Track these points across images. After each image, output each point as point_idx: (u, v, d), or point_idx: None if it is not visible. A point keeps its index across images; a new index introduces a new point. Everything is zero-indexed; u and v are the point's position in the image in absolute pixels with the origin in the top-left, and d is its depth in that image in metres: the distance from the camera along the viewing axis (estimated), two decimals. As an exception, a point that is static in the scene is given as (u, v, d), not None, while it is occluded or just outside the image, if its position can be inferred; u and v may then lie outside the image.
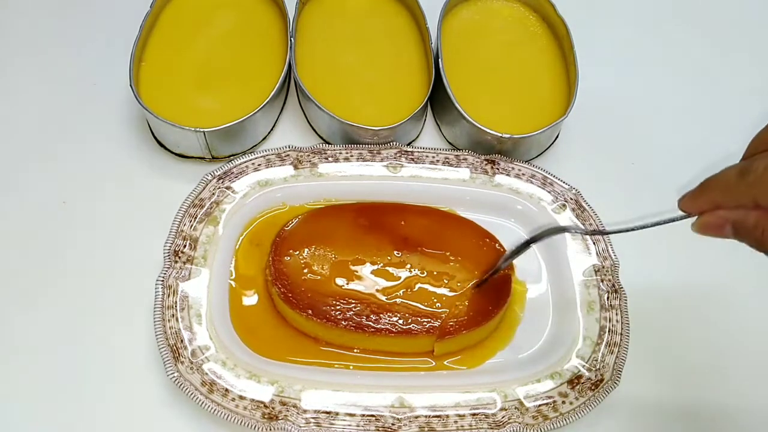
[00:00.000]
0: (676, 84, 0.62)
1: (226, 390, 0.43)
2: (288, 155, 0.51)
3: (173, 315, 0.45)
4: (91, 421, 0.45)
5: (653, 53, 0.64)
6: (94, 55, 0.59)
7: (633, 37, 0.65)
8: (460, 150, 0.53)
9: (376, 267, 0.47)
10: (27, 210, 0.52)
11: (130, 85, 0.50)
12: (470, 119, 0.51)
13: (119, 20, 0.56)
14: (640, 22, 0.66)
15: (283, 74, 0.52)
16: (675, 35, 0.65)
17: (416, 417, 0.43)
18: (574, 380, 0.45)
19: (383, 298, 0.46)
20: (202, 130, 0.49)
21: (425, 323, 0.45)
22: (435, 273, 0.47)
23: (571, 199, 0.51)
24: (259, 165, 0.51)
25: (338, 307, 0.45)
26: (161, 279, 0.45)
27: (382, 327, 0.45)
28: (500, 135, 0.51)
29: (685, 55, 0.64)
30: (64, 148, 0.54)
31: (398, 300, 0.46)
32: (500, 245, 0.49)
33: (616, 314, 0.47)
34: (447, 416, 0.43)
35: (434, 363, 0.46)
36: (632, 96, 0.61)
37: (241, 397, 0.43)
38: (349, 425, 0.43)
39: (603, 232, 0.48)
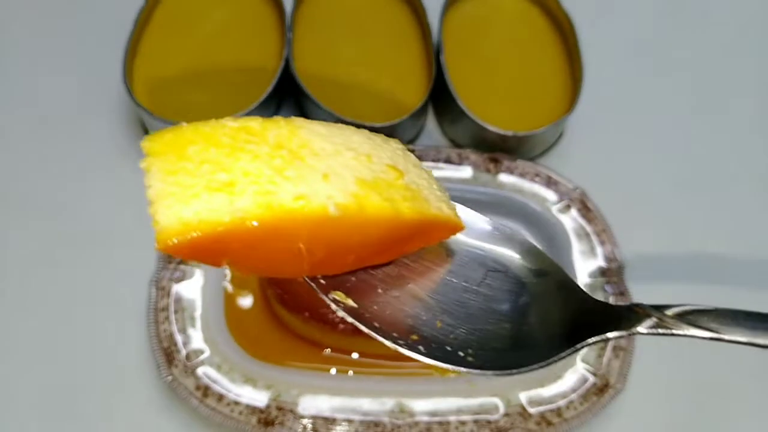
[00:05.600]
0: (684, 79, 0.61)
1: (221, 394, 0.42)
2: (285, 153, 0.50)
3: (167, 317, 0.44)
4: (83, 424, 0.44)
5: (660, 48, 0.63)
6: (86, 51, 0.58)
7: (639, 31, 0.64)
8: (462, 148, 0.52)
9: (375, 268, 0.46)
10: (19, 210, 0.51)
11: (124, 82, 0.49)
12: (473, 116, 0.50)
13: (112, 16, 0.55)
14: (646, 17, 0.65)
15: (280, 70, 0.51)
16: (682, 30, 0.64)
17: (416, 423, 0.42)
18: (579, 385, 0.44)
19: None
20: (197, 127, 0.48)
21: (425, 327, 0.44)
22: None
23: (576, 199, 0.50)
24: (255, 163, 0.50)
25: (336, 310, 0.44)
26: (155, 280, 0.45)
27: (382, 330, 0.43)
28: (503, 132, 0.50)
29: (692, 49, 0.63)
30: (56, 146, 0.53)
31: (398, 302, 0.45)
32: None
33: (623, 317, 0.46)
34: (448, 422, 0.43)
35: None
36: (639, 92, 0.60)
37: (237, 402, 0.42)
38: (347, 431, 0.42)
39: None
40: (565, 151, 0.56)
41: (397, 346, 0.28)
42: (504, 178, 0.51)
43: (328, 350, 0.45)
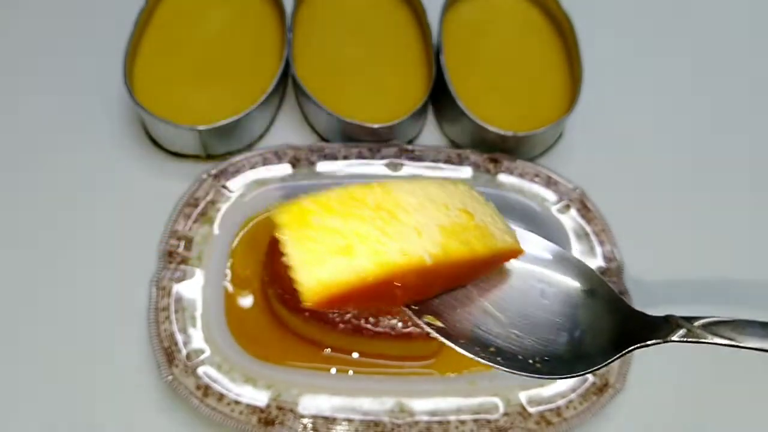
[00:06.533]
0: (684, 80, 0.61)
1: (221, 394, 0.42)
2: (285, 153, 0.50)
3: (167, 317, 0.44)
4: (83, 424, 0.44)
5: (661, 48, 0.63)
6: (86, 51, 0.58)
7: (639, 31, 0.64)
8: (462, 148, 0.52)
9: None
10: (17, 210, 0.51)
11: (124, 82, 0.49)
12: (472, 116, 0.50)
13: (112, 16, 0.55)
14: (646, 17, 0.65)
15: (280, 70, 0.51)
16: (682, 30, 0.64)
17: (416, 422, 0.42)
18: (578, 385, 0.44)
19: (382, 300, 0.45)
20: (197, 127, 0.48)
21: (425, 326, 0.44)
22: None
23: (576, 199, 0.50)
24: (255, 163, 0.50)
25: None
26: (155, 280, 0.45)
27: (382, 330, 0.43)
28: (503, 132, 0.50)
29: (692, 50, 0.63)
30: (56, 146, 0.53)
31: (398, 302, 0.45)
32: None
33: (622, 317, 0.46)
34: (448, 422, 0.43)
35: (433, 361, 0.45)
36: (639, 92, 0.60)
37: (237, 402, 0.42)
38: (348, 431, 0.42)
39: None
40: (564, 151, 0.56)
41: (480, 359, 0.31)
42: (504, 178, 0.51)
43: (328, 350, 0.45)
